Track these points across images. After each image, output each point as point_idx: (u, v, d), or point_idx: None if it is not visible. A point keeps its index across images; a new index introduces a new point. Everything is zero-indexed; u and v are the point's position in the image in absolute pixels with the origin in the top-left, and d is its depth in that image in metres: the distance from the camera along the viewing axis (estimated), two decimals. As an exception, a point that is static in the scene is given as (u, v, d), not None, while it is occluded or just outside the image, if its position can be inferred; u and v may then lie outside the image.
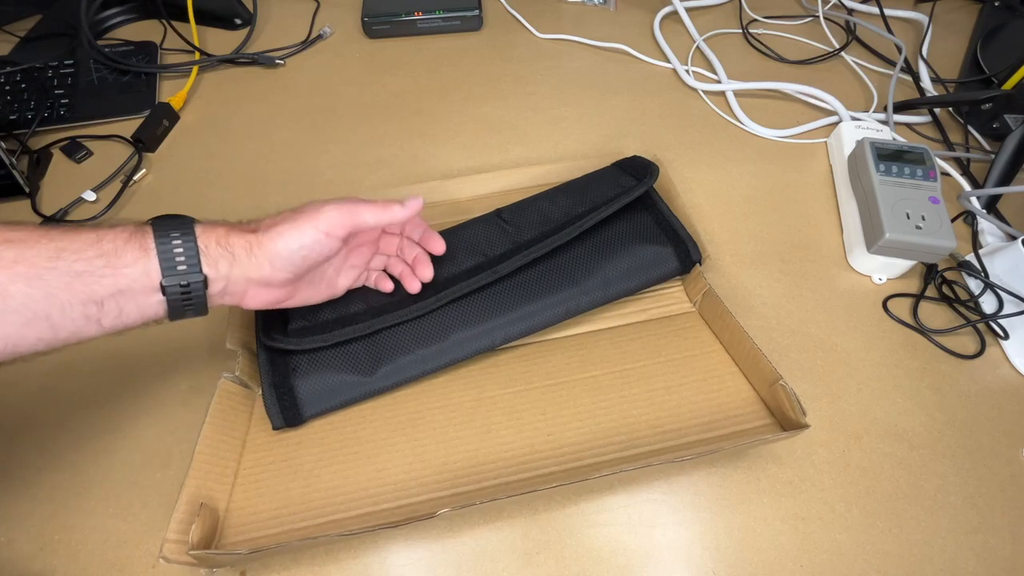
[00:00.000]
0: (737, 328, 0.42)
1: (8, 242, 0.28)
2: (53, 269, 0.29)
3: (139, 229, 0.32)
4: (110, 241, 0.31)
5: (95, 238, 0.30)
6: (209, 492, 0.37)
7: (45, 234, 0.29)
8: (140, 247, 0.31)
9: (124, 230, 0.32)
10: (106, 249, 0.30)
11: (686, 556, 0.38)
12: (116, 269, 0.30)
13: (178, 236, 0.32)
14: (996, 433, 0.42)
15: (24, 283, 0.28)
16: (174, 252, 0.32)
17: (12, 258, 0.28)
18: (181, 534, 0.34)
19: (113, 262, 0.30)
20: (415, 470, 0.39)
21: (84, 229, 0.31)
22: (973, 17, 0.75)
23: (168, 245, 0.32)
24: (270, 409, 0.40)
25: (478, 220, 0.49)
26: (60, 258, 0.29)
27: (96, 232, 0.31)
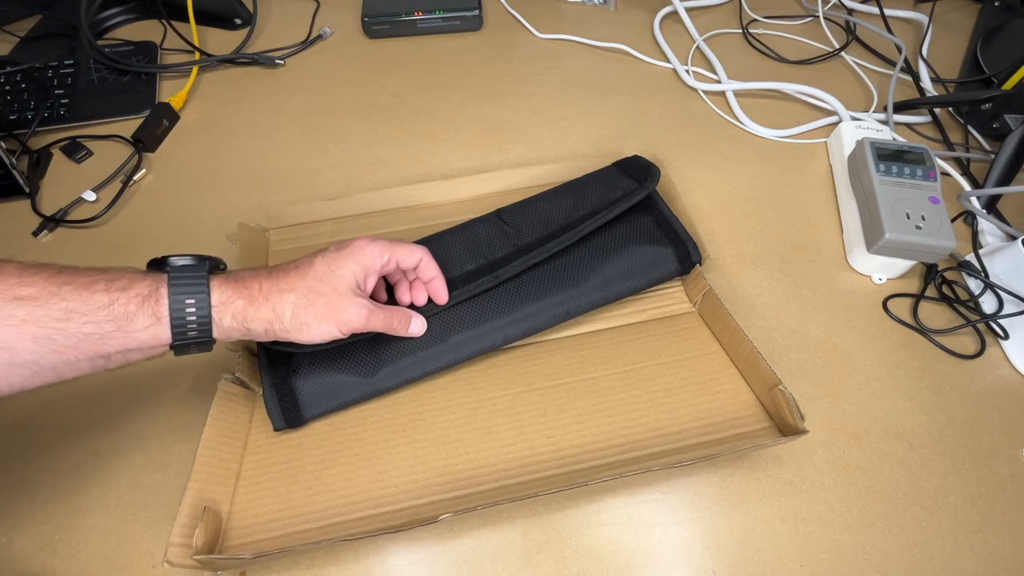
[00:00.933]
0: (737, 331, 0.42)
1: (19, 300, 0.28)
2: (62, 331, 0.29)
3: (152, 292, 0.31)
4: (122, 305, 0.30)
5: (107, 301, 0.30)
6: (211, 495, 0.37)
7: (56, 292, 0.29)
8: (153, 315, 0.31)
9: (137, 293, 0.31)
10: (117, 313, 0.30)
11: (686, 556, 0.38)
12: (127, 333, 0.30)
13: (192, 303, 0.32)
14: (996, 433, 0.42)
15: (32, 341, 0.28)
16: (187, 322, 0.32)
17: (22, 317, 0.28)
18: (185, 538, 0.34)
19: (124, 327, 0.30)
20: (416, 472, 0.39)
21: (97, 285, 0.30)
22: (973, 17, 0.75)
23: (182, 314, 0.32)
24: (271, 410, 0.40)
25: (478, 221, 0.49)
26: (70, 320, 0.29)
27: (108, 294, 0.30)
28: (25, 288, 0.28)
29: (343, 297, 0.36)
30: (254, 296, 0.34)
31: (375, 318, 0.38)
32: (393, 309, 0.40)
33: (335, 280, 0.36)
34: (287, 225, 0.53)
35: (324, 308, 0.35)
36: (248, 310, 0.34)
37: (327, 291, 0.36)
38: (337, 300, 0.36)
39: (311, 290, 0.35)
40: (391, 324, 0.39)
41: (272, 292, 0.34)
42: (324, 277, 0.36)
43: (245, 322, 0.34)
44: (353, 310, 0.36)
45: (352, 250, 0.37)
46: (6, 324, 0.27)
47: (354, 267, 0.37)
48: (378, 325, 0.38)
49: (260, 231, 0.52)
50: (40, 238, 0.53)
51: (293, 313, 0.35)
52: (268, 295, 0.34)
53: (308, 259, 0.37)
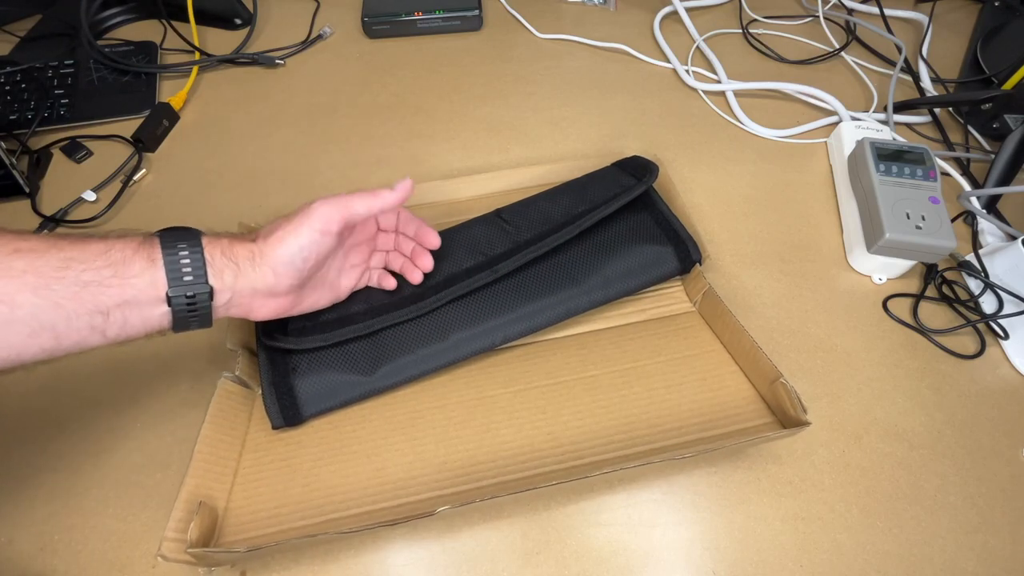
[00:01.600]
0: (737, 327, 0.42)
1: (18, 251, 0.28)
2: (62, 279, 0.29)
3: (147, 240, 0.32)
4: (119, 251, 0.31)
5: (104, 248, 0.30)
6: (208, 491, 0.37)
7: (55, 244, 0.29)
8: (147, 257, 0.32)
9: (132, 240, 0.32)
10: (114, 259, 0.30)
11: (686, 556, 0.38)
12: (123, 279, 0.30)
13: (184, 247, 0.33)
14: (996, 433, 0.42)
15: (32, 292, 0.28)
16: (180, 263, 0.32)
17: (22, 268, 0.28)
18: (180, 532, 0.34)
19: (121, 271, 0.30)
20: (415, 469, 0.39)
21: (93, 239, 0.31)
22: (973, 17, 0.75)
23: (175, 256, 0.32)
24: (270, 408, 0.40)
25: (478, 220, 0.49)
26: (69, 268, 0.29)
27: (105, 242, 0.31)
28: (24, 242, 0.28)
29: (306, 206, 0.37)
30: (236, 237, 0.35)
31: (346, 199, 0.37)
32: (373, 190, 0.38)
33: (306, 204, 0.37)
34: (287, 225, 0.53)
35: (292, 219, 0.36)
36: (235, 245, 0.35)
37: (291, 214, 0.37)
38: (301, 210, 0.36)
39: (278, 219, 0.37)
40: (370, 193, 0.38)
41: (251, 234, 0.36)
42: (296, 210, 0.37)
43: (232, 257, 0.34)
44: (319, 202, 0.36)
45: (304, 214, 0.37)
46: (7, 276, 0.27)
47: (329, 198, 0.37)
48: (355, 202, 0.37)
49: (260, 231, 0.52)
50: (40, 238, 0.53)
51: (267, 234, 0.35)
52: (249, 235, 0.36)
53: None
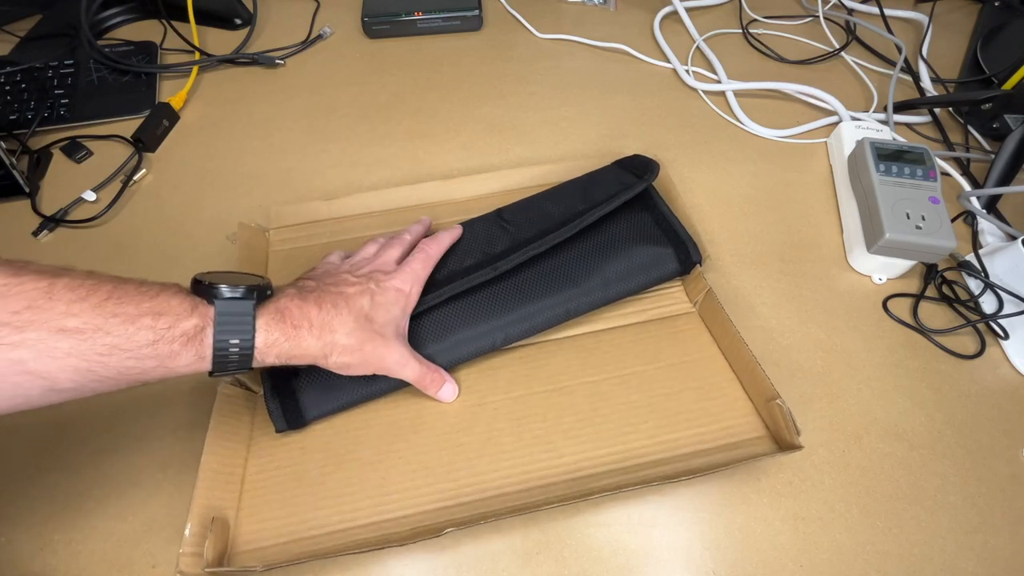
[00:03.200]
0: (736, 338, 0.42)
1: (64, 332, 0.27)
2: (104, 365, 0.28)
3: (197, 332, 0.31)
4: (167, 344, 0.30)
5: (151, 338, 0.29)
6: (218, 501, 0.37)
7: (102, 326, 0.28)
8: (197, 355, 0.31)
9: (183, 333, 0.30)
10: (161, 352, 0.30)
11: (686, 556, 0.38)
12: (168, 368, 0.31)
13: (237, 348, 0.32)
14: (996, 433, 0.42)
15: (74, 372, 0.28)
16: (229, 360, 0.32)
17: (66, 351, 0.27)
18: (196, 547, 0.34)
19: (166, 363, 0.30)
20: (418, 478, 0.39)
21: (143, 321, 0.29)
22: (973, 17, 0.75)
23: (225, 356, 0.32)
24: (272, 411, 0.40)
25: (478, 219, 0.49)
26: (113, 355, 0.29)
27: (154, 331, 0.29)
28: (71, 319, 0.28)
29: (388, 344, 0.37)
30: (302, 336, 0.34)
31: (411, 370, 0.39)
32: (430, 367, 0.40)
33: (381, 324, 0.37)
34: (287, 225, 0.53)
35: (368, 355, 0.36)
36: (294, 351, 0.34)
37: (375, 337, 0.37)
38: (383, 348, 0.37)
39: (359, 331, 0.36)
40: (423, 381, 0.40)
41: (321, 331, 0.35)
42: (372, 318, 0.37)
43: (289, 361, 0.34)
44: (394, 360, 0.38)
45: (396, 294, 0.39)
46: (49, 356, 0.27)
47: (398, 311, 0.39)
48: (411, 377, 0.39)
49: (260, 231, 0.52)
50: (40, 238, 0.53)
51: (337, 356, 0.35)
52: (319, 334, 0.35)
53: (356, 292, 0.37)
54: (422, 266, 0.42)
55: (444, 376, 0.42)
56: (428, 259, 0.42)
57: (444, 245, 0.44)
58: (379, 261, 0.42)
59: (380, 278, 0.39)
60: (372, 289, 0.38)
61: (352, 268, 0.41)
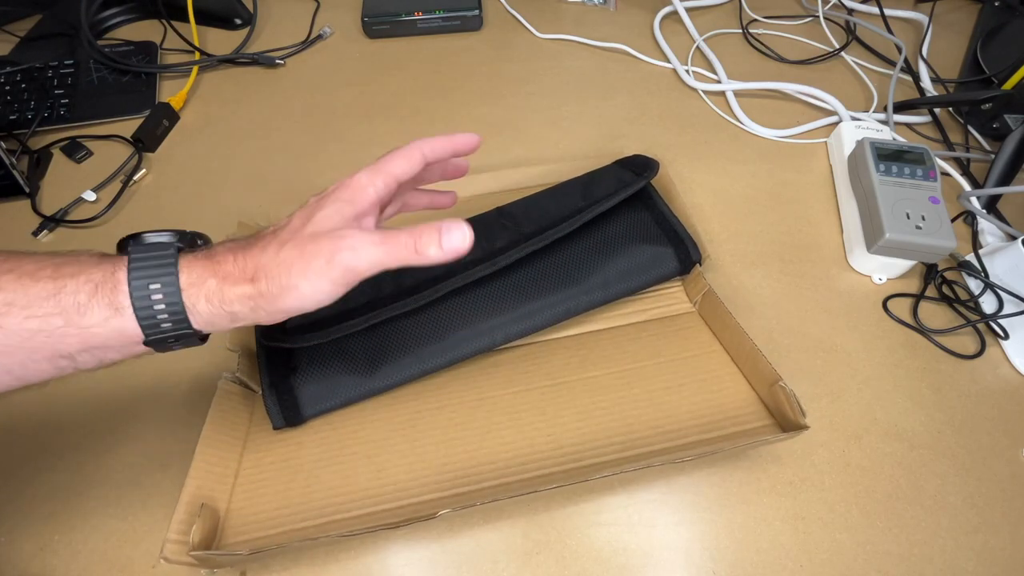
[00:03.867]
0: (737, 329, 0.42)
1: None
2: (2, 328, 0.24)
3: (107, 277, 0.26)
4: (70, 294, 0.25)
5: (52, 289, 0.25)
6: (210, 492, 0.37)
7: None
8: (110, 305, 0.26)
9: (88, 279, 0.26)
10: (65, 305, 0.25)
11: (686, 556, 0.38)
12: (82, 328, 0.26)
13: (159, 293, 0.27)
14: (996, 433, 0.42)
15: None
16: (155, 312, 0.26)
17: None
18: (182, 534, 0.34)
19: (76, 321, 0.25)
20: (415, 470, 0.39)
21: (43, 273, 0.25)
22: (973, 17, 0.75)
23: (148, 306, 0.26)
24: (270, 409, 0.40)
25: (478, 217, 0.49)
26: (9, 314, 0.24)
27: (54, 281, 0.25)
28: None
29: (325, 237, 0.28)
30: (228, 271, 0.28)
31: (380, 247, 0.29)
32: (407, 228, 0.30)
33: (312, 225, 0.29)
34: (287, 225, 0.53)
35: (306, 258, 0.28)
36: (224, 289, 0.28)
37: (304, 239, 0.28)
38: (321, 243, 0.28)
39: (284, 244, 0.28)
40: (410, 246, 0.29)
41: (246, 261, 0.28)
42: (300, 226, 0.29)
43: (223, 304, 0.28)
44: (346, 244, 0.28)
45: (332, 188, 0.31)
46: None
47: (338, 204, 0.30)
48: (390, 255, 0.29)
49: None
50: (40, 238, 0.53)
51: (270, 277, 0.28)
52: (243, 266, 0.28)
53: (288, 218, 0.30)
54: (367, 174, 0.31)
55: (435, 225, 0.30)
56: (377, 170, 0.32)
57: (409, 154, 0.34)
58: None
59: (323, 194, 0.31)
60: (310, 203, 0.31)
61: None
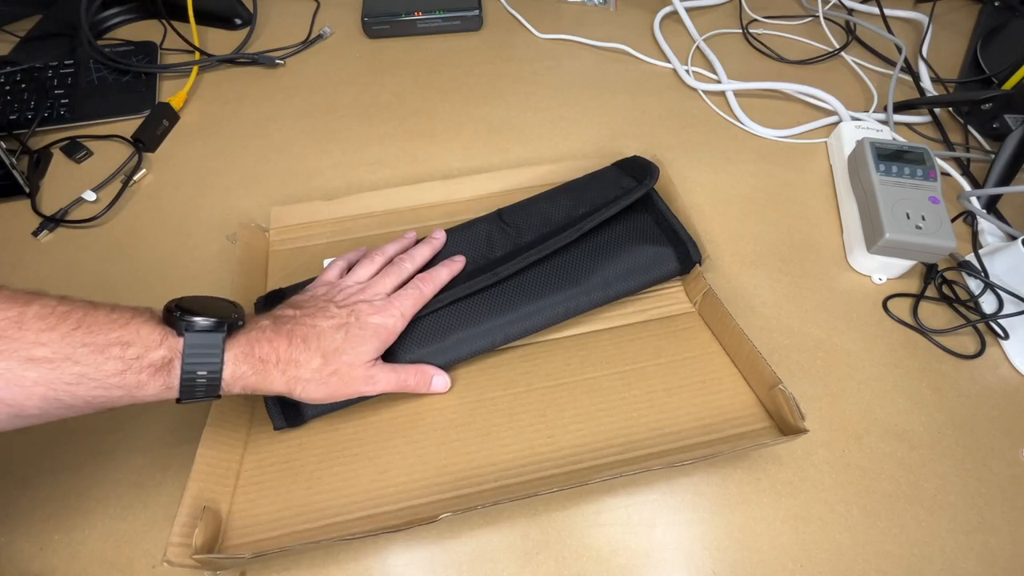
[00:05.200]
0: (737, 330, 0.42)
1: (32, 361, 0.27)
2: (71, 394, 0.29)
3: (165, 363, 0.31)
4: (134, 374, 0.30)
5: (119, 368, 0.29)
6: (211, 494, 0.37)
7: (71, 355, 0.28)
8: (164, 385, 0.31)
9: (151, 364, 0.30)
10: (129, 382, 0.30)
11: (686, 556, 0.38)
12: (135, 398, 0.31)
13: (204, 379, 0.32)
14: (996, 433, 0.42)
15: (41, 400, 0.28)
16: (196, 389, 0.32)
17: (34, 379, 0.28)
18: (184, 537, 0.34)
19: (134, 393, 0.30)
20: (416, 472, 0.39)
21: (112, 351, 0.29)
22: (973, 17, 0.75)
23: (192, 385, 0.32)
24: (271, 409, 0.40)
25: (478, 221, 0.49)
26: (80, 384, 0.29)
27: (122, 361, 0.30)
28: (40, 348, 0.28)
29: (355, 372, 0.37)
30: (268, 370, 0.34)
31: (384, 384, 0.39)
32: (407, 370, 0.40)
33: (352, 356, 0.37)
34: (287, 225, 0.53)
35: (335, 385, 0.36)
36: (260, 385, 0.34)
37: (342, 368, 0.36)
38: (348, 377, 0.37)
39: (325, 366, 0.36)
40: (404, 387, 0.40)
41: (287, 366, 0.35)
42: (342, 352, 0.36)
43: (255, 391, 0.35)
44: (362, 383, 0.37)
45: (376, 330, 0.38)
46: (17, 385, 0.27)
47: (375, 344, 0.38)
48: (386, 390, 0.39)
49: (260, 231, 0.52)
50: (40, 238, 0.53)
51: (302, 391, 0.36)
52: (284, 368, 0.35)
53: (332, 328, 0.37)
54: (412, 304, 0.40)
55: (428, 371, 0.41)
56: (420, 298, 0.41)
57: (440, 283, 0.43)
58: (369, 291, 0.40)
59: (363, 311, 0.38)
60: (350, 323, 0.37)
61: (339, 295, 0.40)
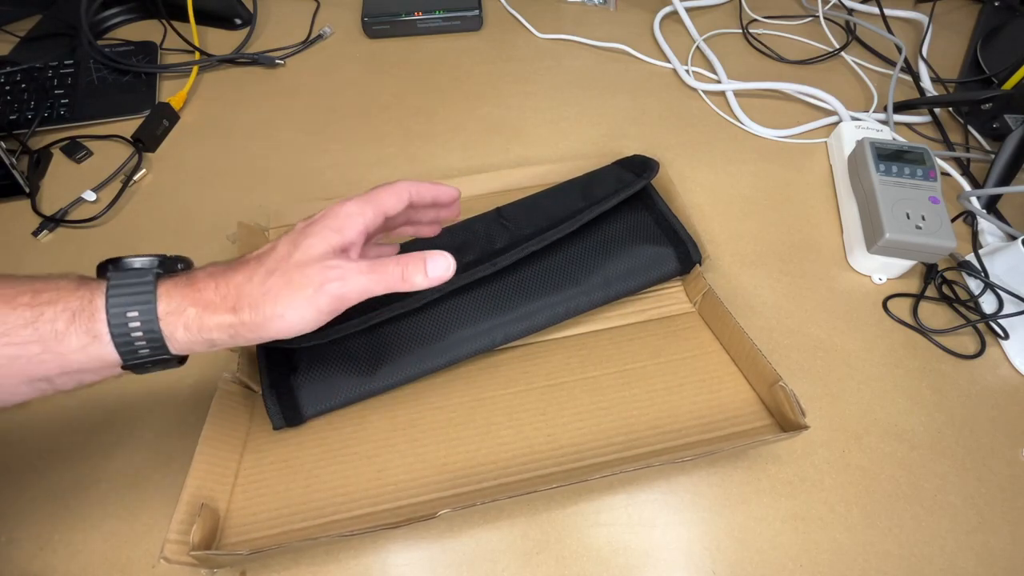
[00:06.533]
0: (737, 329, 0.42)
1: None
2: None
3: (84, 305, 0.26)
4: (47, 322, 0.25)
5: (29, 317, 0.25)
6: (210, 492, 0.37)
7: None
8: (87, 332, 0.26)
9: (66, 308, 0.26)
10: (43, 333, 0.25)
11: (686, 556, 0.38)
12: (60, 355, 0.26)
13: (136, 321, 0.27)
14: (996, 433, 0.42)
15: None
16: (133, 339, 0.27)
17: None
18: (182, 534, 0.34)
19: (53, 347, 0.26)
20: (415, 470, 0.39)
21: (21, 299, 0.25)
22: (973, 17, 0.75)
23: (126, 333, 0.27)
24: (270, 409, 0.40)
25: (478, 218, 0.49)
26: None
27: (32, 308, 0.25)
28: None
29: (313, 267, 0.29)
30: (209, 299, 0.28)
31: (367, 275, 0.29)
32: (394, 257, 0.31)
33: (300, 253, 0.29)
34: (287, 225, 0.53)
35: (293, 287, 0.28)
36: (204, 317, 0.28)
37: (291, 268, 0.29)
38: (309, 272, 0.28)
39: (271, 272, 0.28)
40: (397, 275, 0.30)
41: (228, 289, 0.28)
42: (287, 255, 0.29)
43: (202, 332, 0.28)
44: (335, 275, 0.29)
45: (320, 216, 0.31)
46: None
47: (326, 233, 0.30)
48: (377, 283, 0.30)
49: (260, 231, 0.52)
50: (40, 238, 0.53)
51: (253, 306, 0.28)
52: (225, 294, 0.28)
53: (272, 243, 0.30)
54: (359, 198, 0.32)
55: (420, 255, 0.31)
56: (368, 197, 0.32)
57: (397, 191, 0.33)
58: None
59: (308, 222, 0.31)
60: (294, 229, 0.31)
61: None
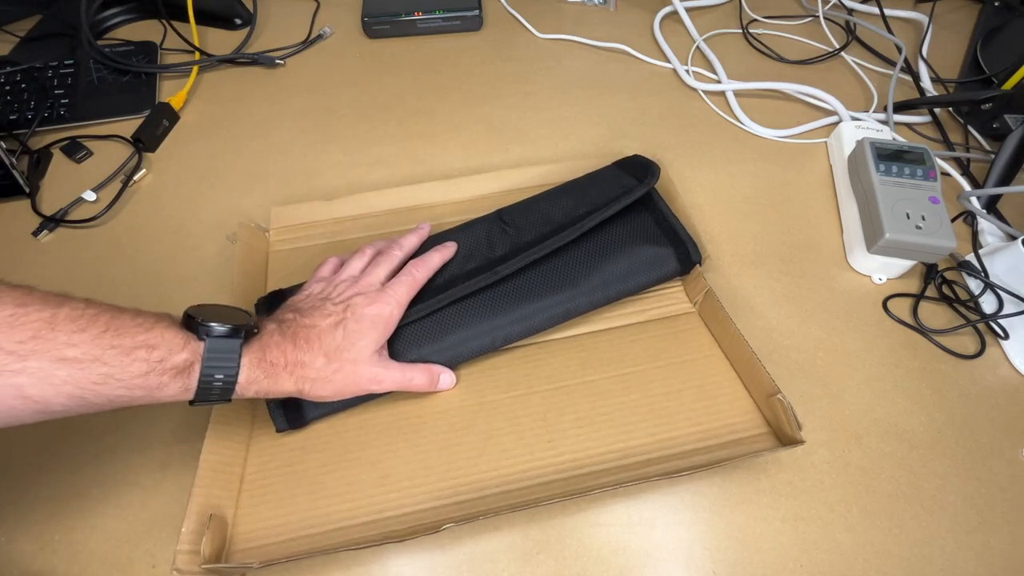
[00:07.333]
0: (736, 335, 0.42)
1: (63, 361, 0.29)
2: (96, 392, 0.30)
3: (186, 367, 0.32)
4: (156, 376, 0.31)
5: (144, 370, 0.31)
6: (216, 500, 0.37)
7: (99, 356, 0.29)
8: (183, 387, 0.32)
9: (173, 367, 0.32)
10: (151, 383, 0.31)
11: (686, 556, 0.38)
12: (154, 398, 0.32)
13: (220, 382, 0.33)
14: (996, 433, 0.42)
15: (67, 399, 0.29)
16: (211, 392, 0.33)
17: (63, 378, 0.29)
18: (192, 544, 0.34)
19: (154, 394, 0.32)
20: (418, 477, 0.39)
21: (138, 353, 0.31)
22: (973, 17, 0.75)
23: (209, 389, 0.33)
24: (273, 411, 0.40)
25: (478, 221, 0.49)
26: (106, 384, 0.30)
27: (147, 363, 0.31)
28: (71, 349, 0.29)
29: (359, 368, 0.38)
30: (278, 373, 0.35)
31: (389, 383, 0.40)
32: (413, 369, 0.41)
33: (354, 352, 0.38)
34: (287, 225, 0.53)
35: (341, 383, 0.38)
36: (272, 387, 0.35)
37: (345, 366, 0.37)
38: (353, 374, 0.38)
39: (329, 364, 0.37)
40: (410, 385, 0.41)
41: (294, 366, 0.36)
42: (343, 348, 0.37)
43: (267, 394, 0.36)
44: (368, 380, 0.39)
45: (373, 321, 0.39)
46: (47, 383, 0.28)
47: (375, 335, 0.39)
48: (391, 388, 0.40)
49: (260, 231, 0.52)
50: (40, 238, 0.53)
51: (311, 387, 0.37)
52: (291, 370, 0.36)
53: (330, 326, 0.38)
54: (406, 291, 0.41)
55: (435, 370, 0.42)
56: (414, 283, 0.42)
57: (432, 267, 0.44)
58: (362, 283, 0.41)
59: (358, 304, 0.39)
60: (347, 319, 0.38)
61: (334, 292, 0.41)
